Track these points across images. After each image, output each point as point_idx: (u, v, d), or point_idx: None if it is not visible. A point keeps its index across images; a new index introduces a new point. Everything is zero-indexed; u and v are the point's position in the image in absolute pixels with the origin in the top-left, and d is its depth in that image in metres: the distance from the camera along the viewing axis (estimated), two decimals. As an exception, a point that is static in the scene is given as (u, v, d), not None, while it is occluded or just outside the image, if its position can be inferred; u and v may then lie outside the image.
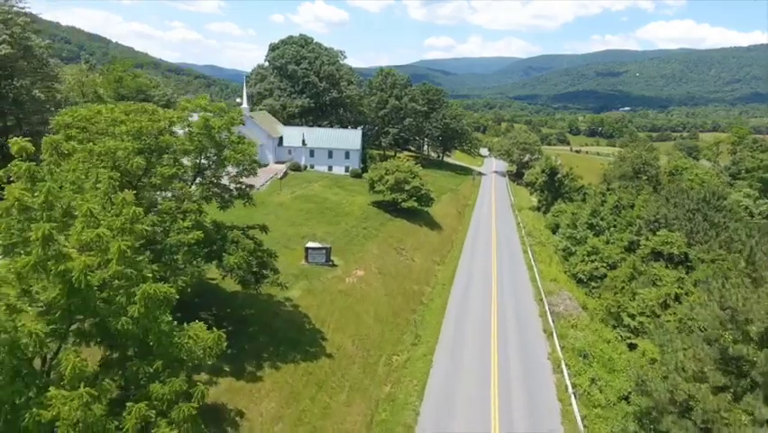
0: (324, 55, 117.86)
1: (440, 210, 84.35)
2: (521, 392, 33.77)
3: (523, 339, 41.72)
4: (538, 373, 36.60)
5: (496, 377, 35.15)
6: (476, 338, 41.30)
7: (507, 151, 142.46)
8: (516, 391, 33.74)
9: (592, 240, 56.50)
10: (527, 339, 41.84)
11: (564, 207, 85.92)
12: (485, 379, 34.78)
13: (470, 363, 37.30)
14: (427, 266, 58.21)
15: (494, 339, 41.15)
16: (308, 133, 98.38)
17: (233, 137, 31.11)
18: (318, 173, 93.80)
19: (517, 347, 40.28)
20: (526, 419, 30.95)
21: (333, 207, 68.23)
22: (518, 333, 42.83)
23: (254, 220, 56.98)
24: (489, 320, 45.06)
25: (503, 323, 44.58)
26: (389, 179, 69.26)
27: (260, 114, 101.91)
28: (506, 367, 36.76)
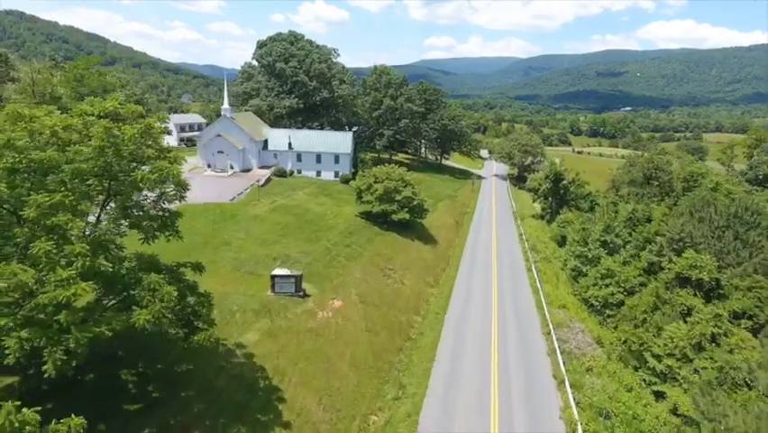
0: (315, 53, 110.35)
1: (436, 220, 76.87)
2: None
3: (530, 390, 34.24)
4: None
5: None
6: (472, 388, 33.89)
7: (509, 153, 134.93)
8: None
9: (606, 261, 49.04)
10: (535, 390, 34.36)
11: (571, 217, 78.47)
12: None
13: (465, 425, 29.92)
14: (419, 289, 50.74)
15: (494, 389, 33.73)
16: (295, 136, 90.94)
17: (149, 151, 23.54)
18: (306, 179, 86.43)
19: (523, 401, 32.84)
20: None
21: (315, 219, 60.80)
22: (524, 381, 35.36)
23: (218, 239, 50.05)
24: (489, 361, 37.69)
25: (505, 366, 37.16)
26: (378, 188, 61.82)
27: (244, 115, 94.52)
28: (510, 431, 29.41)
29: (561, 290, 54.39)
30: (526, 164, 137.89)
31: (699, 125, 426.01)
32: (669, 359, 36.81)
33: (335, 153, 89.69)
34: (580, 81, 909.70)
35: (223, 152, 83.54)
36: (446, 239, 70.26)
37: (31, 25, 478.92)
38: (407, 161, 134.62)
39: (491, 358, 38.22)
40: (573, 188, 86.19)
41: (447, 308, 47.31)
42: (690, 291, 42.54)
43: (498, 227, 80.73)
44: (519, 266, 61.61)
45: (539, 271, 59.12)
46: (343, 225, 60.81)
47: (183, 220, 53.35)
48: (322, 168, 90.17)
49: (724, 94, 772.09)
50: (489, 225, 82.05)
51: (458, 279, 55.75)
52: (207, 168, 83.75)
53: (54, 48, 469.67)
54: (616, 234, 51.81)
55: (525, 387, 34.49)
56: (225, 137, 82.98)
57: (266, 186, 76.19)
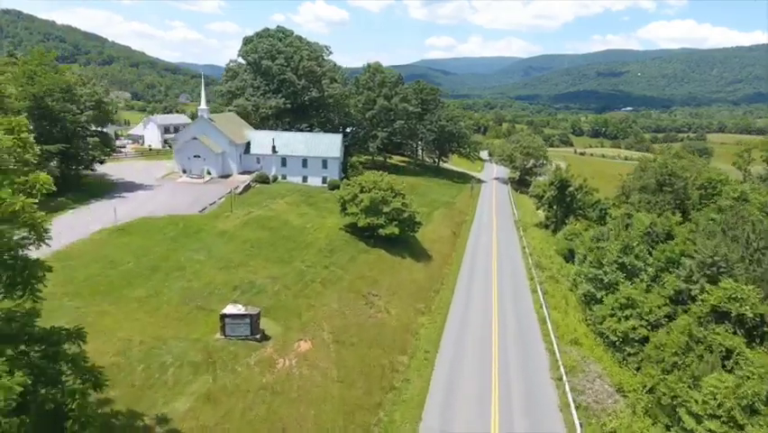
0: (305, 49, 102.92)
1: (430, 232, 69.48)
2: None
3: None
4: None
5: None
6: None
7: (510, 156, 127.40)
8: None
9: (626, 288, 41.57)
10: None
11: (578, 228, 71.04)
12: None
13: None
14: (407, 320, 43.32)
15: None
16: (279, 139, 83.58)
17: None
18: (291, 185, 79.12)
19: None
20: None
21: (292, 234, 53.42)
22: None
23: (172, 262, 42.52)
24: (489, 419, 30.39)
25: (508, 423, 29.88)
26: (364, 199, 54.39)
27: (225, 116, 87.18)
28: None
29: (571, 318, 46.97)
30: (528, 167, 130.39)
31: (702, 126, 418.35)
32: (711, 421, 29.37)
33: (323, 158, 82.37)
34: (580, 81, 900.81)
35: (199, 157, 76.24)
36: (441, 254, 62.81)
37: (28, 24, 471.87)
38: (403, 164, 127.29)
39: (491, 414, 30.90)
40: (580, 196, 78.71)
41: (439, 343, 39.91)
42: (729, 328, 35.23)
43: (499, 239, 73.29)
44: (523, 287, 54.18)
45: (545, 293, 51.68)
46: (324, 240, 53.41)
47: (137, 238, 46.54)
48: (308, 173, 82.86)
49: (725, 94, 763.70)
50: (488, 236, 74.59)
51: (453, 304, 48.32)
52: (182, 173, 76.48)
53: (51, 47, 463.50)
54: (636, 256, 44.36)
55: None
56: (202, 140, 75.66)
57: (244, 194, 68.90)
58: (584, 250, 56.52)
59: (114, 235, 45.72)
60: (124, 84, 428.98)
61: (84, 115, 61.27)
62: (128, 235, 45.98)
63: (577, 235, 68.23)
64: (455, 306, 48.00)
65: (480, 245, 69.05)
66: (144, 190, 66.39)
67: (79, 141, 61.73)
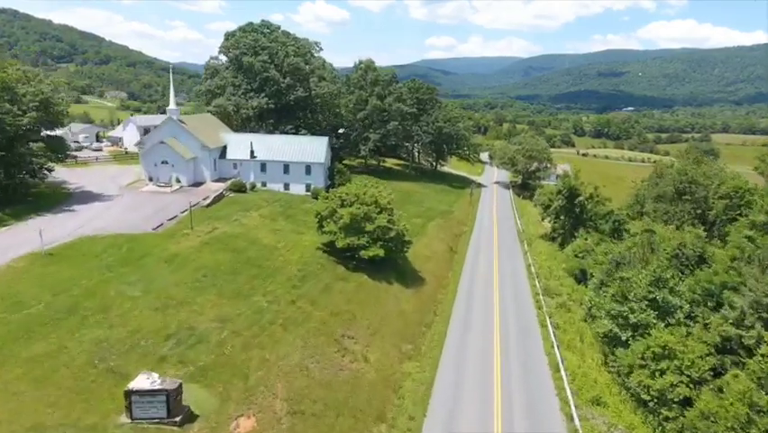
0: (291, 45, 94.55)
1: (424, 248, 61.12)
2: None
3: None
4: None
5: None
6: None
7: (512, 159, 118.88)
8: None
9: (661, 334, 33.08)
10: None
11: (590, 243, 62.58)
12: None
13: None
14: (389, 369, 34.95)
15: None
16: (259, 143, 75.23)
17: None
18: (270, 194, 70.88)
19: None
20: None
21: (259, 257, 45.05)
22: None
23: (97, 300, 33.68)
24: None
25: None
26: (343, 215, 46.01)
27: (199, 117, 78.92)
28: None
29: (589, 362, 38.61)
30: (531, 170, 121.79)
31: (706, 126, 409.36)
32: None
33: (306, 163, 74.03)
34: (581, 81, 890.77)
35: (167, 163, 67.93)
36: (436, 276, 54.39)
37: (24, 24, 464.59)
38: (399, 168, 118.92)
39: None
40: (591, 206, 70.24)
41: (428, 403, 31.56)
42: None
43: (501, 255, 64.87)
44: (530, 319, 45.77)
45: (557, 327, 43.36)
46: (296, 264, 45.03)
47: (65, 267, 38.11)
48: (290, 180, 74.56)
49: (726, 94, 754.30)
50: (489, 252, 66.16)
51: (448, 343, 39.97)
52: (149, 181, 68.19)
53: (48, 47, 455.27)
54: (671, 290, 35.93)
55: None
56: (170, 144, 67.31)
57: (213, 205, 60.58)
58: (600, 273, 48.10)
59: (38, 263, 37.48)
60: (121, 84, 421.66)
61: (27, 117, 53.03)
62: (56, 263, 37.72)
63: (589, 252, 59.81)
64: (450, 345, 39.66)
65: (480, 264, 60.62)
66: (101, 202, 58.13)
67: (21, 146, 53.52)
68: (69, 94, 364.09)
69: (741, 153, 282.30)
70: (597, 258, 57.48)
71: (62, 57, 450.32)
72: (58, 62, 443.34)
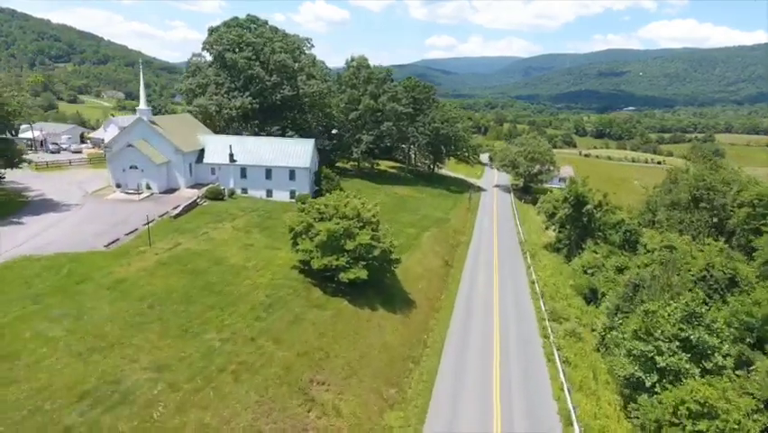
0: (278, 41, 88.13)
1: (416, 264, 54.75)
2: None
3: None
4: None
5: None
6: None
7: (513, 161, 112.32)
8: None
9: (698, 386, 26.68)
10: None
11: (600, 258, 56.24)
12: None
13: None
14: (365, 426, 28.47)
15: None
16: (239, 145, 68.92)
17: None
18: (250, 201, 64.72)
19: None
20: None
21: (221, 280, 38.70)
22: None
23: (16, 335, 27.40)
24: None
25: None
26: (320, 230, 39.65)
27: (174, 118, 72.72)
28: None
29: (605, 410, 32.22)
30: (534, 173, 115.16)
31: (708, 126, 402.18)
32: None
33: (290, 168, 67.70)
34: (581, 81, 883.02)
35: (136, 168, 61.66)
36: (428, 298, 48.03)
37: (22, 23, 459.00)
38: (394, 171, 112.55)
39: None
40: (600, 215, 63.84)
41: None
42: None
43: (502, 270, 58.42)
44: (535, 351, 39.37)
45: (566, 361, 37.00)
46: (265, 289, 38.72)
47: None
48: (273, 186, 68.24)
49: (728, 94, 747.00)
50: (489, 266, 59.70)
51: (437, 387, 33.61)
52: (116, 188, 61.95)
53: (45, 46, 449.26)
54: (708, 328, 29.49)
55: None
56: (139, 148, 61.03)
57: (183, 215, 54.25)
58: (615, 297, 41.75)
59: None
60: (119, 83, 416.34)
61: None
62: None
63: (599, 268, 53.47)
64: (440, 388, 33.37)
65: (479, 281, 54.20)
66: (57, 212, 51.76)
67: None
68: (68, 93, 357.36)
69: (746, 154, 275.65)
70: (608, 274, 51.26)
71: (60, 56, 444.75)
72: (55, 62, 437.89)
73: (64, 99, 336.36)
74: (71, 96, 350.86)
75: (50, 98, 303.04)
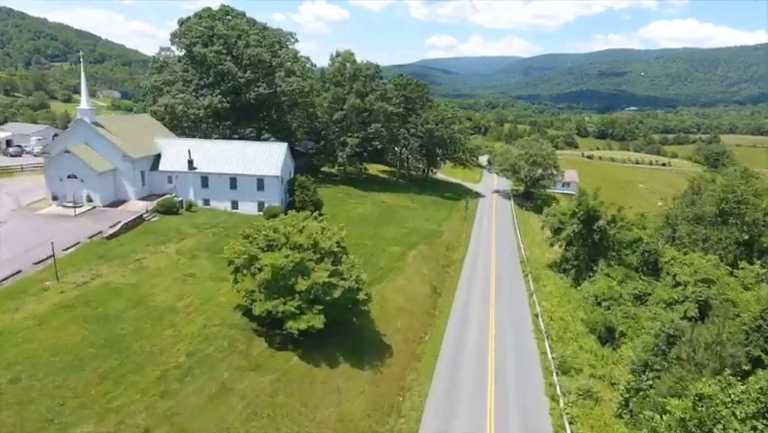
0: (254, 34, 78.99)
1: (397, 292, 45.54)
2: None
3: None
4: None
5: None
6: None
7: (513, 165, 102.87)
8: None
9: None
10: None
11: (617, 288, 47.05)
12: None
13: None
14: None
15: None
16: (199, 151, 59.82)
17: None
18: (211, 215, 55.74)
19: None
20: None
21: (135, 330, 29.56)
22: None
23: None
24: None
25: None
26: (264, 265, 30.44)
27: (127, 119, 63.91)
28: None
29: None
30: (536, 177, 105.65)
31: (712, 126, 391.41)
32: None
33: (258, 176, 58.58)
34: (582, 81, 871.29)
35: (75, 177, 52.56)
36: (408, 340, 38.80)
37: (18, 22, 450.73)
38: (384, 176, 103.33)
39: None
40: (614, 232, 54.56)
41: None
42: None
43: (500, 300, 49.08)
44: (540, 424, 30.16)
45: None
46: (191, 342, 29.56)
47: None
48: (239, 197, 59.15)
49: (730, 94, 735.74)
50: (485, 293, 50.35)
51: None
52: (53, 201, 52.88)
53: (42, 45, 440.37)
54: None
55: None
56: (77, 154, 51.95)
57: (120, 235, 45.16)
58: (643, 350, 32.49)
59: None
60: (115, 83, 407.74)
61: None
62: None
63: (616, 301, 44.20)
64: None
65: (472, 315, 44.87)
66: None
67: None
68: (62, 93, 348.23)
69: (753, 155, 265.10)
70: (627, 309, 42.03)
71: (56, 56, 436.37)
72: (51, 61, 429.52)
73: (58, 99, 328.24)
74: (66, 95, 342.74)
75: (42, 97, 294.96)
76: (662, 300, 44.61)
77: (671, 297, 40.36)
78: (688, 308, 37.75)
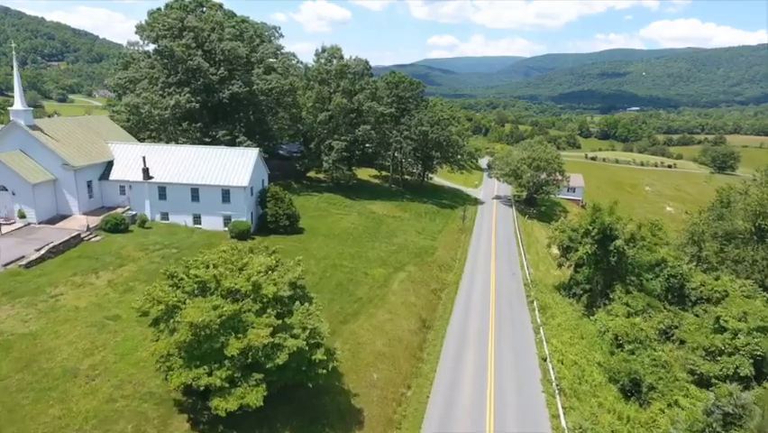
0: (229, 26, 71.01)
1: (376, 331, 37.48)
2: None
3: None
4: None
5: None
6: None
7: (515, 171, 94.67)
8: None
9: None
10: None
11: (640, 324, 39.02)
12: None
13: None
14: None
15: None
16: (156, 157, 51.93)
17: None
18: (167, 232, 48.03)
19: None
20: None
21: (14, 406, 21.67)
22: None
23: None
24: None
25: None
26: (183, 320, 22.45)
27: (74, 122, 55.70)
28: None
29: None
30: (539, 183, 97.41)
31: (716, 127, 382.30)
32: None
33: (223, 187, 50.61)
34: (583, 81, 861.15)
35: (6, 190, 44.74)
36: (386, 400, 30.69)
37: (15, 21, 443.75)
38: (377, 182, 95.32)
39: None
40: (634, 252, 46.44)
41: None
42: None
43: (500, 337, 40.99)
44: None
45: None
46: (81, 427, 21.62)
47: None
48: (202, 210, 51.23)
49: (732, 94, 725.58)
50: (482, 329, 42.22)
51: None
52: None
53: (39, 44, 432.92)
54: None
55: None
56: (7, 163, 44.07)
57: (44, 261, 37.30)
58: (687, 431, 24.48)
59: None
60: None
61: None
62: None
63: (642, 344, 36.11)
64: None
65: (466, 361, 36.77)
66: None
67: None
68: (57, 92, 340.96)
69: (760, 156, 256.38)
70: (656, 356, 34.05)
71: (53, 55, 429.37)
72: (48, 60, 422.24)
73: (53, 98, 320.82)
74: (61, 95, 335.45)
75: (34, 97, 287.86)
76: (701, 347, 36.31)
77: (712, 344, 32.42)
78: (740, 364, 29.81)
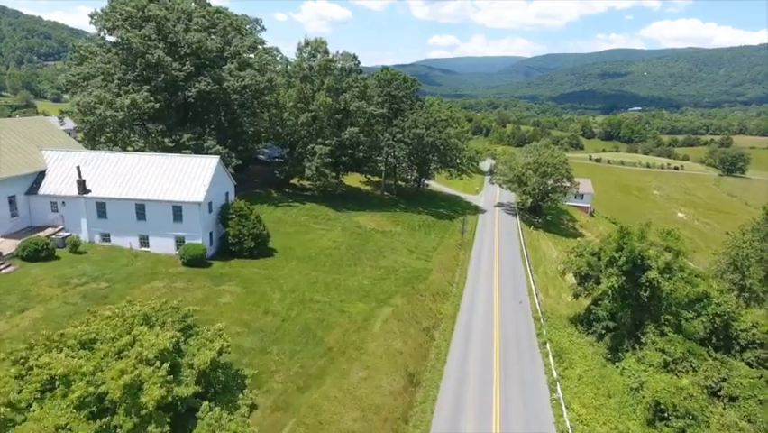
0: (199, 17, 62.23)
1: (347, 395, 28.70)
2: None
3: None
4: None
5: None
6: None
7: (519, 177, 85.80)
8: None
9: None
10: None
11: (689, 388, 30.31)
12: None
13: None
14: None
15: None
16: (95, 167, 43.22)
17: None
18: (105, 258, 39.43)
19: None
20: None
21: None
22: None
23: None
24: None
25: None
26: (74, 387, 13.77)
27: (7, 123, 46.84)
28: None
29: None
30: (546, 190, 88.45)
31: (721, 127, 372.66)
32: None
33: (174, 202, 41.85)
34: (584, 81, 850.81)
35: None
36: None
37: (12, 20, 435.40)
38: (368, 189, 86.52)
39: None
40: (670, 286, 37.56)
41: None
42: None
43: (506, 399, 32.27)
44: None
45: None
46: None
47: None
48: (149, 231, 42.48)
49: (734, 94, 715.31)
50: (485, 385, 33.49)
51: None
52: None
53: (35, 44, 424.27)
54: None
55: None
56: None
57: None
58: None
59: None
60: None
61: None
62: None
63: (695, 419, 27.32)
64: None
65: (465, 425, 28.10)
66: None
67: None
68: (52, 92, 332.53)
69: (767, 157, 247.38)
70: None
71: (50, 54, 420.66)
72: (45, 60, 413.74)
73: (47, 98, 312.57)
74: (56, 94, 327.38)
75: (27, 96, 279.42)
76: (753, 398, 27.98)
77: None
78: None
